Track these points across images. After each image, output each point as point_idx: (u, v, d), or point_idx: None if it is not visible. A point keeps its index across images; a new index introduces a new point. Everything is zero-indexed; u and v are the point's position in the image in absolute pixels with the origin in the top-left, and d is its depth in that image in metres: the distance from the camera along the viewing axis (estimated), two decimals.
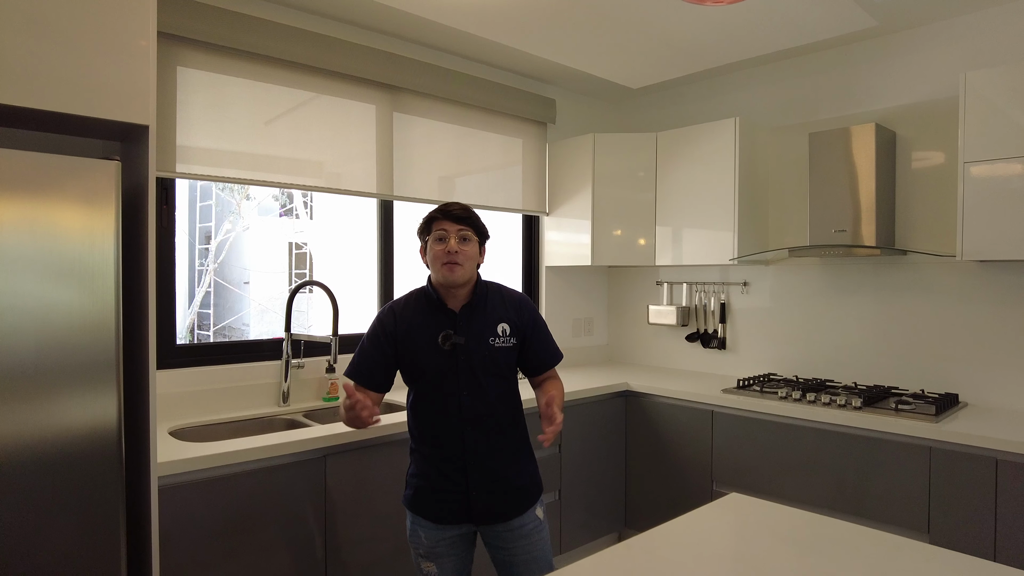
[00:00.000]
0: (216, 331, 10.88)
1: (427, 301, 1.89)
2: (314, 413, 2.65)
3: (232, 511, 2.00)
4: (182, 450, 2.00)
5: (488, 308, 1.89)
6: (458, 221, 1.83)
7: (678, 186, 3.42)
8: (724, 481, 2.93)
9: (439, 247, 1.81)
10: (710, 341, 3.63)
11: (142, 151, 1.82)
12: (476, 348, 1.83)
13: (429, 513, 1.84)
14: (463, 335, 1.82)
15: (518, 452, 1.91)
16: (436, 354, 1.82)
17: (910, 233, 2.93)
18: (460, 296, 1.86)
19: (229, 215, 10.82)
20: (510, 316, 1.90)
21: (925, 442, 2.35)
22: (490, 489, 1.83)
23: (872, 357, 3.06)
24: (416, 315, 1.87)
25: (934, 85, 2.87)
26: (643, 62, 3.35)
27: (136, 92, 1.73)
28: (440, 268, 1.81)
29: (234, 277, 11.31)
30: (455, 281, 1.81)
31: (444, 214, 1.84)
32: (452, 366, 1.82)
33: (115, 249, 1.65)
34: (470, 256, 1.83)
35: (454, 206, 1.85)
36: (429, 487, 1.84)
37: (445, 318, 1.85)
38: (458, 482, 1.82)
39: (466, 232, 1.83)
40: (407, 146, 3.12)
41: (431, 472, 1.85)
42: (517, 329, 1.90)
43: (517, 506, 1.86)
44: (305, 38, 2.70)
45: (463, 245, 1.81)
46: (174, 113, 2.43)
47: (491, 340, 1.85)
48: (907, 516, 2.39)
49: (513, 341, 1.89)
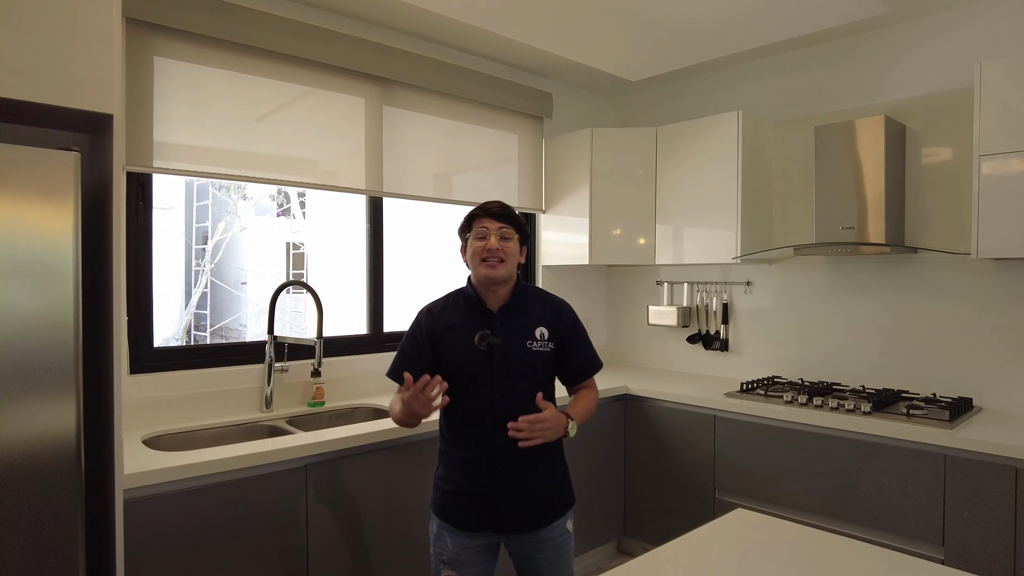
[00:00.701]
0: (213, 332, 10.81)
1: (465, 301, 1.88)
2: (298, 419, 2.54)
3: (205, 525, 1.89)
4: (154, 460, 1.89)
5: (527, 310, 1.86)
6: (499, 219, 1.82)
7: (679, 182, 3.30)
8: (727, 489, 2.82)
9: (479, 244, 1.80)
10: (712, 343, 3.51)
11: (108, 143, 1.70)
12: (513, 350, 1.80)
13: (455, 519, 1.81)
14: (500, 336, 1.79)
15: (551, 461, 1.86)
16: (472, 354, 1.80)
17: (921, 230, 2.82)
18: (499, 296, 1.85)
19: (226, 215, 10.73)
20: (549, 320, 1.87)
21: (939, 449, 2.23)
22: (518, 497, 1.79)
23: (881, 359, 2.94)
24: (454, 315, 1.87)
25: (946, 75, 2.75)
26: (642, 52, 3.23)
27: (100, 79, 1.62)
28: (480, 265, 1.80)
29: (231, 278, 11.23)
30: (496, 278, 1.80)
31: (485, 211, 1.83)
32: (487, 368, 1.79)
33: (74, 247, 1.54)
34: (511, 254, 1.82)
35: (494, 204, 1.84)
36: (456, 492, 1.81)
37: (483, 318, 1.83)
38: (485, 488, 1.78)
39: (507, 230, 1.82)
40: (398, 141, 3.01)
41: (459, 476, 1.82)
42: (556, 334, 1.87)
43: (546, 516, 1.82)
44: (290, 28, 2.59)
45: (504, 243, 1.81)
46: (151, 105, 2.32)
47: (528, 343, 1.83)
48: (920, 528, 2.27)
49: (551, 346, 1.86)
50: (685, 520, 2.95)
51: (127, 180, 2.32)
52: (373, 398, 2.80)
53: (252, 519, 1.97)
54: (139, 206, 2.37)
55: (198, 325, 10.87)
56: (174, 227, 10.74)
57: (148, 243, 2.40)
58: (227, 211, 10.79)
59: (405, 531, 2.32)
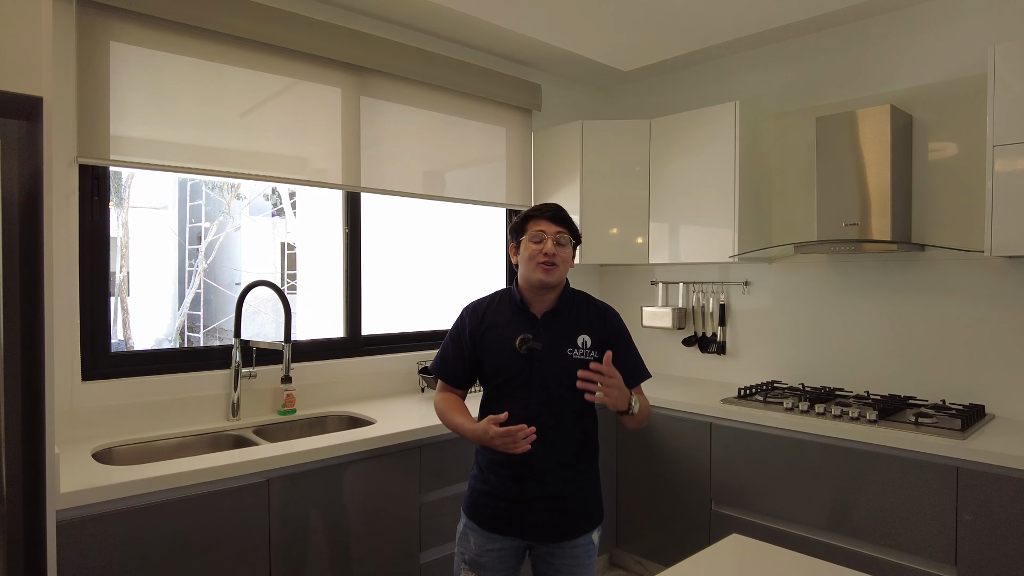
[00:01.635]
0: (207, 333, 10.68)
1: (511, 303, 1.85)
2: (266, 429, 2.39)
3: (155, 547, 1.73)
4: (99, 475, 1.74)
5: (571, 317, 1.82)
6: (556, 222, 1.79)
7: (674, 177, 3.15)
8: (723, 500, 2.66)
9: (535, 247, 1.76)
10: (708, 345, 3.35)
11: (39, 129, 1.55)
12: (552, 357, 1.76)
13: (480, 518, 1.79)
14: (541, 341, 1.76)
15: (583, 472, 1.81)
16: (511, 357, 1.77)
17: (928, 227, 2.66)
18: (546, 301, 1.81)
19: (219, 215, 10.60)
20: (593, 328, 1.82)
21: (951, 461, 2.08)
22: (545, 505, 1.75)
23: (886, 364, 2.79)
24: (499, 316, 1.85)
25: (956, 62, 2.59)
26: (635, 40, 3.08)
27: (24, 57, 1.47)
28: (535, 268, 1.76)
29: (225, 278, 11.09)
30: (550, 283, 1.76)
31: (542, 214, 1.80)
32: (526, 372, 1.76)
33: None
34: (565, 259, 1.79)
35: (551, 207, 1.81)
36: (487, 492, 1.79)
37: (526, 322, 1.80)
38: (512, 491, 1.75)
39: (563, 235, 1.79)
40: (377, 134, 2.86)
41: (491, 477, 1.79)
42: (599, 342, 1.81)
43: (574, 527, 1.78)
44: (258, 11, 2.44)
45: (559, 248, 1.77)
46: (106, 93, 2.17)
47: (569, 351, 1.77)
48: (931, 545, 2.12)
49: (594, 355, 1.78)
50: (679, 533, 2.80)
51: (80, 174, 2.17)
52: (349, 405, 2.64)
53: (208, 539, 1.82)
54: (94, 201, 2.22)
55: (192, 326, 10.73)
56: (167, 227, 10.61)
57: (104, 241, 2.25)
58: (220, 211, 10.65)
59: (380, 549, 2.17)
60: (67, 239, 2.13)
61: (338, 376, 2.73)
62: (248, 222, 10.83)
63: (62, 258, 2.11)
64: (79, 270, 2.17)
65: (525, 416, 1.72)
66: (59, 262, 2.10)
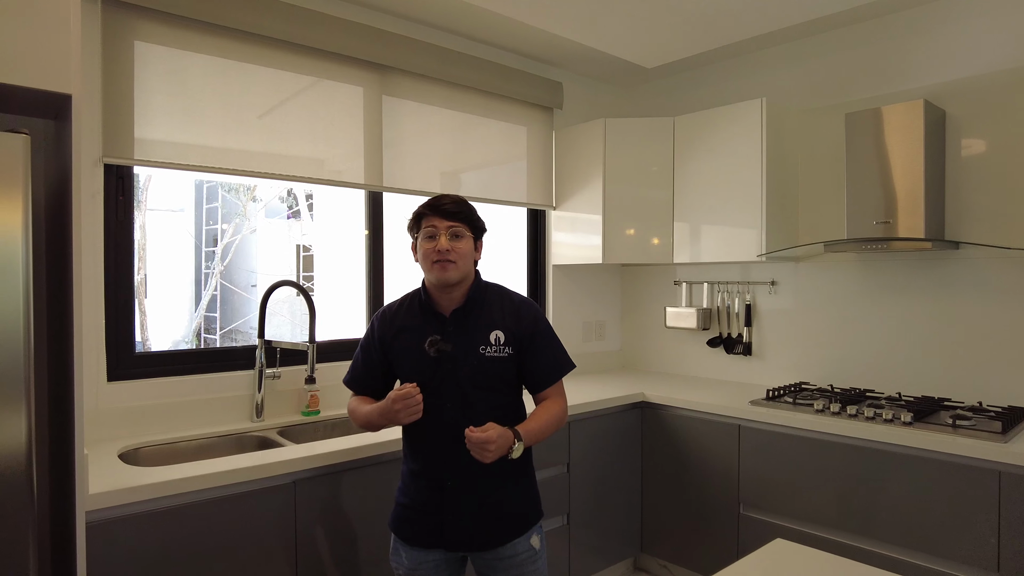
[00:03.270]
0: (223, 334, 10.73)
1: (419, 304, 1.76)
2: (290, 430, 2.37)
3: (181, 549, 1.71)
4: (126, 476, 1.72)
5: (483, 313, 1.73)
6: (448, 216, 1.67)
7: (698, 175, 3.10)
8: (752, 504, 2.61)
9: (429, 245, 1.67)
10: (734, 346, 3.30)
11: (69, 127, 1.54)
12: (464, 357, 1.68)
13: (405, 533, 1.72)
14: (452, 341, 1.67)
15: (512, 474, 1.71)
16: (421, 361, 1.69)
17: (963, 224, 2.59)
18: (454, 299, 1.72)
19: (235, 217, 10.66)
20: (506, 322, 1.72)
21: (992, 465, 2.02)
22: (468, 515, 1.67)
23: (918, 364, 2.72)
24: (407, 319, 1.76)
25: (992, 55, 2.53)
26: (659, 36, 3.04)
27: (54, 55, 1.46)
28: (431, 268, 1.67)
29: (241, 280, 11.15)
30: (447, 280, 1.67)
31: (432, 209, 1.69)
32: (437, 376, 1.67)
33: (24, 242, 1.37)
34: (463, 254, 1.68)
35: (444, 200, 1.69)
36: (407, 505, 1.73)
37: (435, 322, 1.72)
38: (434, 504, 1.68)
39: (458, 228, 1.68)
40: (399, 133, 2.83)
41: (411, 490, 1.73)
42: (514, 337, 1.72)
43: (505, 533, 1.69)
44: (282, 10, 2.42)
45: (455, 242, 1.67)
46: (131, 93, 2.17)
47: (482, 348, 1.69)
48: (971, 551, 2.05)
49: (508, 351, 1.71)
50: (707, 536, 2.75)
51: (105, 174, 2.16)
52: None
53: (234, 541, 1.80)
54: (119, 201, 2.21)
55: (208, 328, 10.79)
56: (184, 230, 10.68)
57: (129, 241, 2.24)
58: (237, 213, 10.71)
59: None
60: (92, 239, 2.13)
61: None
62: (264, 224, 10.87)
63: (88, 258, 2.11)
64: (104, 270, 2.16)
65: (440, 422, 1.65)
66: (85, 262, 2.09)
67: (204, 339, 10.37)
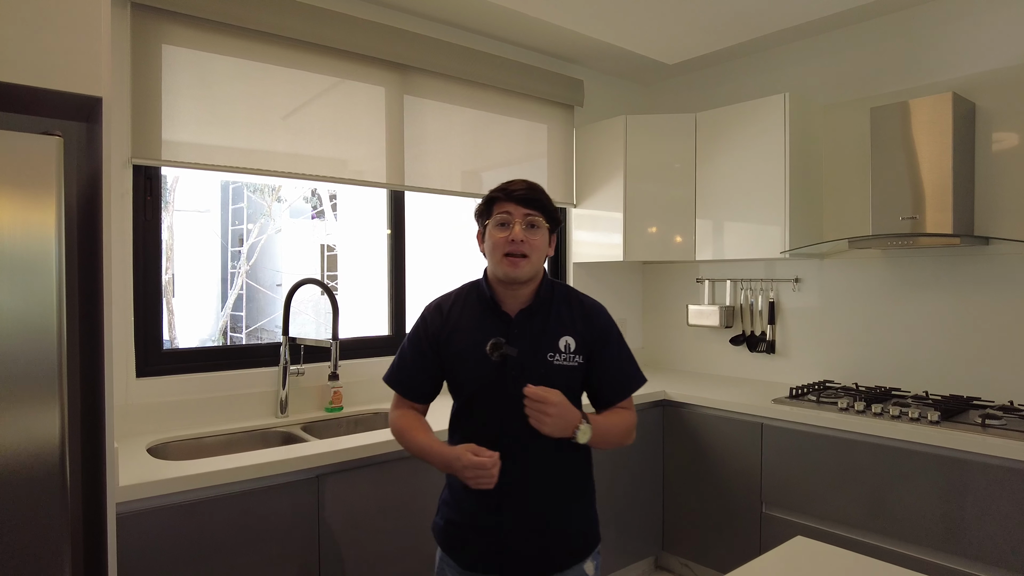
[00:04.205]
0: (249, 333, 10.89)
1: (479, 299, 1.58)
2: (314, 425, 2.40)
3: (208, 540, 1.75)
4: (154, 470, 1.76)
5: (552, 316, 1.55)
6: (525, 204, 1.50)
7: (721, 172, 3.08)
8: (775, 503, 2.59)
9: (501, 234, 1.49)
10: (757, 344, 3.27)
11: (99, 129, 1.58)
12: (531, 364, 1.49)
13: (457, 554, 1.54)
14: (517, 346, 1.49)
15: (572, 494, 1.56)
16: (481, 366, 1.50)
17: (994, 219, 2.54)
18: (520, 297, 1.54)
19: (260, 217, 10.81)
20: (577, 328, 1.55)
21: (1023, 465, 1.98)
22: (528, 536, 1.49)
23: (946, 363, 2.67)
24: (465, 315, 1.57)
25: (1023, 46, 2.47)
26: (679, 32, 3.02)
27: (86, 58, 1.50)
28: (500, 260, 1.49)
29: (266, 279, 11.30)
30: (517, 277, 1.49)
31: (507, 194, 1.50)
32: (499, 383, 1.49)
33: (57, 241, 1.41)
34: (537, 248, 1.50)
35: (519, 184, 1.52)
36: (460, 522, 1.54)
37: (498, 322, 1.53)
38: (490, 522, 1.49)
39: (535, 217, 1.50)
40: (420, 132, 2.86)
41: (465, 505, 1.53)
42: (585, 345, 1.54)
43: (561, 559, 1.52)
44: (305, 12, 2.45)
45: (530, 233, 1.49)
46: (159, 95, 2.21)
47: (550, 356, 1.51)
48: (1000, 554, 2.02)
49: (578, 360, 1.53)
50: (729, 536, 2.73)
51: (134, 174, 2.21)
52: None
53: (259, 534, 1.83)
54: (147, 201, 2.26)
55: (234, 326, 10.96)
56: (210, 230, 10.85)
57: (157, 240, 2.29)
58: (261, 213, 10.86)
59: (426, 547, 2.16)
60: (121, 238, 2.18)
61: (383, 374, 2.73)
62: (288, 224, 11.01)
63: (117, 257, 2.16)
64: (132, 268, 2.21)
65: (500, 435, 1.47)
66: (114, 260, 2.14)
67: (230, 337, 10.55)
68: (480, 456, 1.39)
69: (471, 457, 1.39)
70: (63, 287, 1.42)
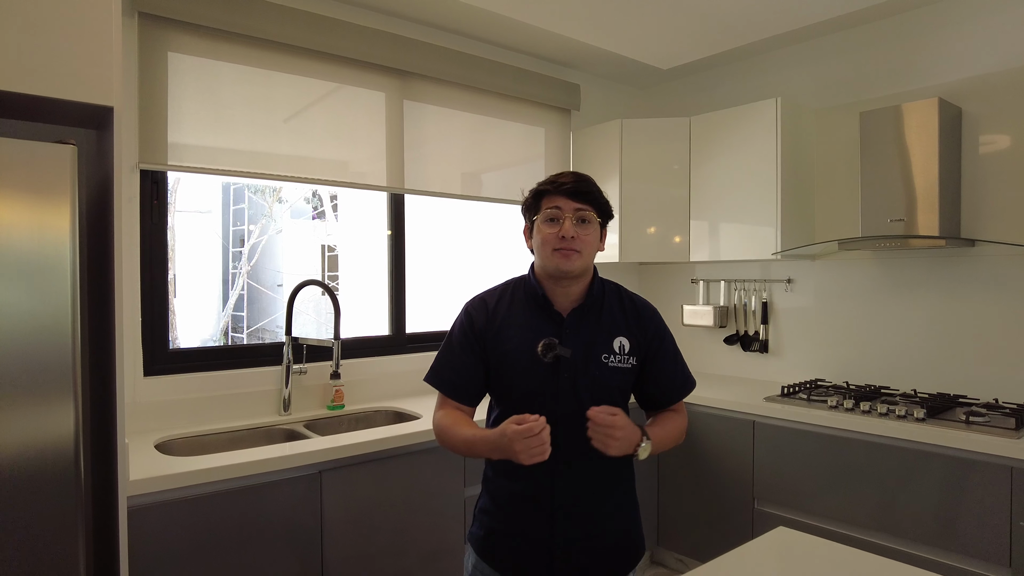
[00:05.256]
0: (250, 333, 10.95)
1: (527, 296, 1.50)
2: (316, 423, 2.46)
3: (215, 533, 1.82)
4: (164, 465, 1.83)
5: (604, 315, 1.48)
6: (576, 197, 1.42)
7: (714, 175, 3.14)
8: (767, 499, 2.65)
9: (551, 230, 1.42)
10: (751, 344, 3.33)
11: (111, 137, 1.64)
12: (584, 366, 1.43)
13: (503, 564, 1.45)
14: (569, 346, 1.41)
15: (622, 501, 1.51)
16: (532, 367, 1.42)
17: (979, 222, 2.60)
18: (571, 295, 1.47)
19: (261, 218, 10.86)
20: (631, 328, 1.49)
21: (1004, 461, 2.04)
22: (580, 545, 1.43)
23: (933, 362, 2.74)
24: (514, 313, 1.49)
25: (1008, 52, 2.53)
26: (674, 38, 3.08)
27: (98, 70, 1.56)
28: (551, 255, 1.42)
29: (268, 280, 11.36)
30: (569, 272, 1.42)
31: (556, 187, 1.43)
32: (551, 386, 1.42)
33: (72, 245, 1.47)
34: (589, 243, 1.43)
35: (567, 177, 1.45)
36: (506, 532, 1.46)
37: (549, 322, 1.46)
38: (541, 531, 1.42)
39: (586, 212, 1.42)
40: (420, 136, 2.92)
41: (510, 513, 1.46)
42: (638, 346, 1.48)
43: (611, 568, 1.47)
44: (307, 20, 2.52)
45: (581, 228, 1.42)
46: (164, 102, 2.27)
47: (604, 357, 1.44)
48: (983, 546, 2.08)
49: (632, 361, 1.47)
50: (722, 531, 2.79)
51: (141, 179, 2.27)
52: (394, 401, 2.71)
53: (263, 527, 1.90)
54: (153, 205, 2.32)
55: (235, 327, 11.02)
56: (211, 230, 10.90)
57: (163, 243, 2.36)
58: (262, 214, 10.91)
59: (426, 542, 2.22)
60: (129, 241, 2.24)
61: (384, 373, 2.80)
62: (289, 225, 11.07)
63: (125, 259, 2.21)
64: (140, 270, 2.28)
65: (551, 440, 1.33)
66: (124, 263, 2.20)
67: (231, 337, 10.61)
68: (524, 422, 1.28)
69: (515, 427, 1.27)
70: (78, 289, 1.49)
